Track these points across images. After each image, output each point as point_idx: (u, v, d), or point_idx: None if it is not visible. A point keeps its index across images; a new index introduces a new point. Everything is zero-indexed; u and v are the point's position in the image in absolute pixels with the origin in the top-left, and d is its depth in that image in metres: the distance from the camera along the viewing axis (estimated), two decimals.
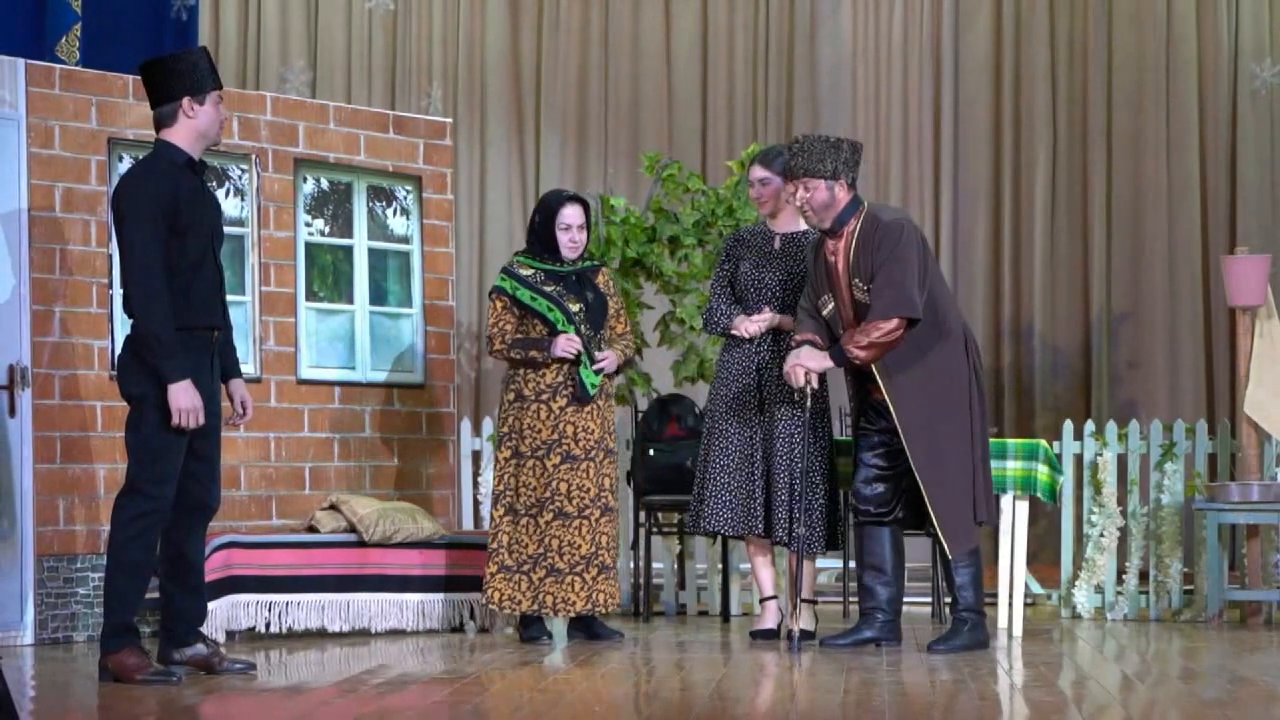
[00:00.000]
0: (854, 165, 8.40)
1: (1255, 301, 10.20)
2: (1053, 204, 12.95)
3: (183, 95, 7.31)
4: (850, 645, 8.42)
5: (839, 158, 8.34)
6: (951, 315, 8.47)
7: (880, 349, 8.22)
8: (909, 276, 8.23)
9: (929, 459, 8.30)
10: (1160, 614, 10.26)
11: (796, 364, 8.39)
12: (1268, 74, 12.68)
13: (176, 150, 7.32)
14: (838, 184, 8.34)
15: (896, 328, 8.19)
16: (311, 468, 9.71)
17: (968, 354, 8.46)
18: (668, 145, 13.02)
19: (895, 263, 8.23)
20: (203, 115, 7.33)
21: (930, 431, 8.31)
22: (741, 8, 13.28)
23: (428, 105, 13.07)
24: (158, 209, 7.17)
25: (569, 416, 8.77)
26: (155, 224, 7.17)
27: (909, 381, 8.31)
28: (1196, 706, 6.56)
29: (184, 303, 7.24)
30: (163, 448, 7.22)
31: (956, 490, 8.34)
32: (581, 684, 7.22)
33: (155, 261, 7.17)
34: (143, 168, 7.34)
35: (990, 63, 13.08)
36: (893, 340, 8.20)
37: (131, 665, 7.24)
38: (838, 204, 8.35)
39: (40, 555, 8.70)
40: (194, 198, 7.31)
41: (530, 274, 8.88)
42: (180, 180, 7.28)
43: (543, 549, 8.72)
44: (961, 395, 8.38)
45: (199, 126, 7.34)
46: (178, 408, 7.15)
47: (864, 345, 8.22)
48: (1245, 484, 9.96)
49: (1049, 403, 12.76)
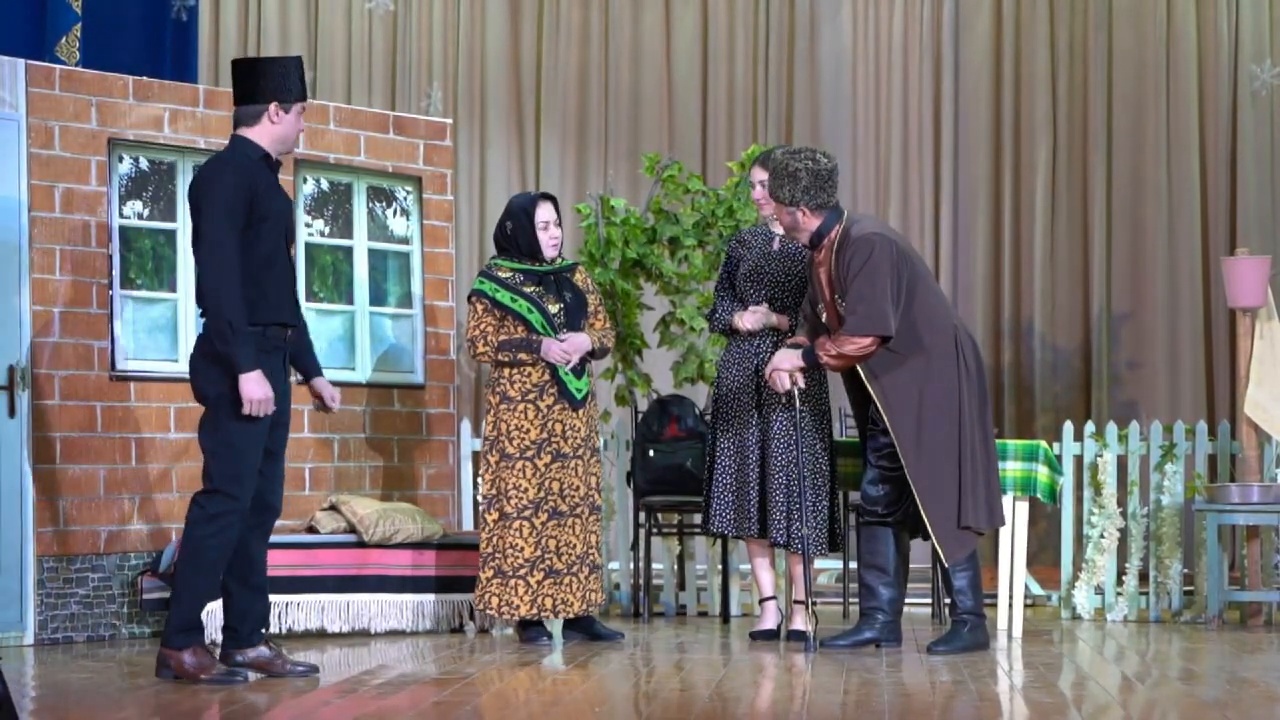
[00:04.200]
0: (818, 191, 8.38)
1: (1255, 303, 10.20)
2: (1053, 204, 12.96)
3: (271, 100, 7.35)
4: (850, 646, 8.42)
5: (796, 187, 8.36)
6: (939, 322, 8.42)
7: (850, 360, 8.30)
8: (878, 292, 8.26)
9: (920, 466, 8.30)
10: (1160, 615, 10.26)
11: (774, 369, 8.48)
12: (1268, 75, 12.69)
13: (254, 146, 7.36)
14: (799, 210, 8.39)
15: (869, 345, 8.27)
16: (311, 468, 9.70)
17: (960, 359, 8.42)
18: (668, 146, 13.02)
19: (864, 280, 8.28)
20: (285, 123, 7.38)
21: (919, 438, 8.32)
22: (742, 9, 13.28)
23: (428, 106, 13.07)
24: (234, 201, 7.19)
25: (557, 415, 8.77)
26: (231, 215, 7.18)
27: (895, 386, 8.33)
28: (1196, 708, 6.56)
29: (257, 297, 7.24)
30: (241, 446, 7.22)
31: (948, 498, 8.34)
32: (581, 685, 7.23)
33: (230, 253, 7.16)
34: (220, 160, 7.38)
35: (990, 63, 13.09)
36: (864, 355, 8.28)
37: (197, 665, 7.24)
38: (805, 226, 8.44)
39: (40, 555, 8.70)
40: (271, 192, 7.33)
41: (509, 276, 8.88)
42: (257, 174, 7.30)
43: (540, 551, 8.71)
44: (950, 402, 8.36)
45: (279, 132, 7.38)
46: (249, 397, 7.13)
47: (834, 354, 8.32)
48: (1245, 485, 9.96)
49: (1049, 403, 12.76)
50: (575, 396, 8.78)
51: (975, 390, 8.45)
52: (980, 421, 8.44)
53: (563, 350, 8.74)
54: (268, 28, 13.07)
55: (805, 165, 8.40)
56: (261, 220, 7.25)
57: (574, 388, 8.79)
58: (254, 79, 7.39)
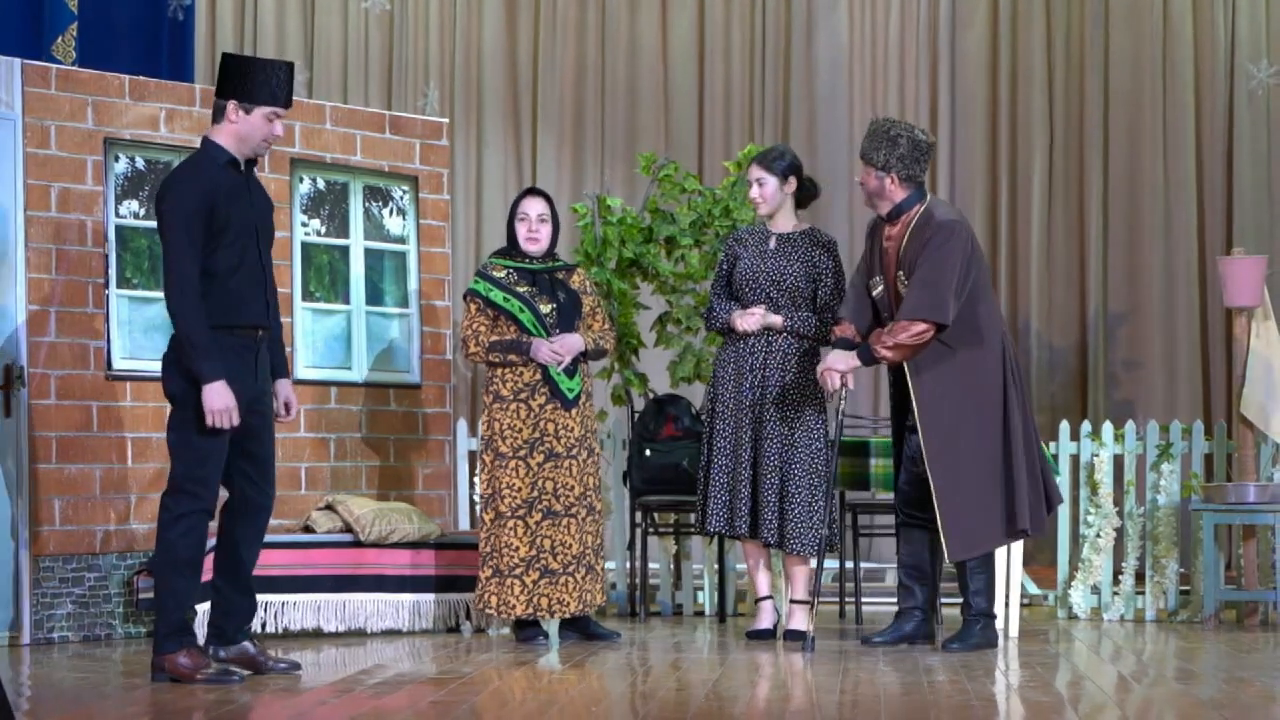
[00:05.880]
0: (913, 163, 8.39)
1: (1252, 302, 10.19)
2: (1049, 203, 12.95)
3: (229, 98, 7.37)
4: (889, 641, 8.51)
5: (893, 153, 8.36)
6: (993, 326, 8.45)
7: (908, 350, 8.25)
8: (945, 280, 8.25)
9: (943, 462, 8.31)
10: (1156, 614, 10.25)
11: (827, 368, 8.42)
12: (1264, 74, 12.68)
13: (219, 149, 7.38)
14: (888, 177, 8.37)
15: (924, 331, 8.22)
16: (307, 468, 9.70)
17: (1004, 363, 8.45)
18: (664, 145, 13.01)
19: (934, 264, 8.25)
20: (245, 124, 7.37)
21: (951, 434, 8.32)
22: (738, 7, 13.27)
23: (424, 105, 13.07)
24: (192, 208, 7.21)
25: (549, 414, 8.77)
26: (190, 224, 7.20)
27: (937, 383, 8.33)
28: (1192, 707, 6.56)
29: (224, 301, 7.27)
30: (204, 448, 7.24)
31: (968, 497, 8.35)
32: (577, 684, 7.22)
33: (189, 262, 7.19)
34: (181, 168, 7.43)
35: (987, 62, 13.08)
36: (921, 343, 8.23)
37: (191, 665, 7.25)
38: (890, 195, 8.42)
39: (36, 555, 8.69)
40: (233, 196, 7.33)
41: (503, 275, 8.89)
42: (219, 179, 7.32)
43: (535, 550, 8.71)
44: (992, 409, 8.38)
45: (240, 131, 7.38)
46: (210, 408, 7.16)
47: (890, 346, 8.26)
48: (1241, 485, 9.96)
49: (1045, 403, 12.75)
50: (567, 396, 8.77)
51: (1019, 396, 8.47)
52: (1025, 428, 8.46)
53: (552, 350, 8.73)
54: (264, 27, 13.07)
55: (906, 134, 8.40)
56: (223, 227, 7.27)
57: (565, 388, 8.78)
58: (223, 75, 7.42)
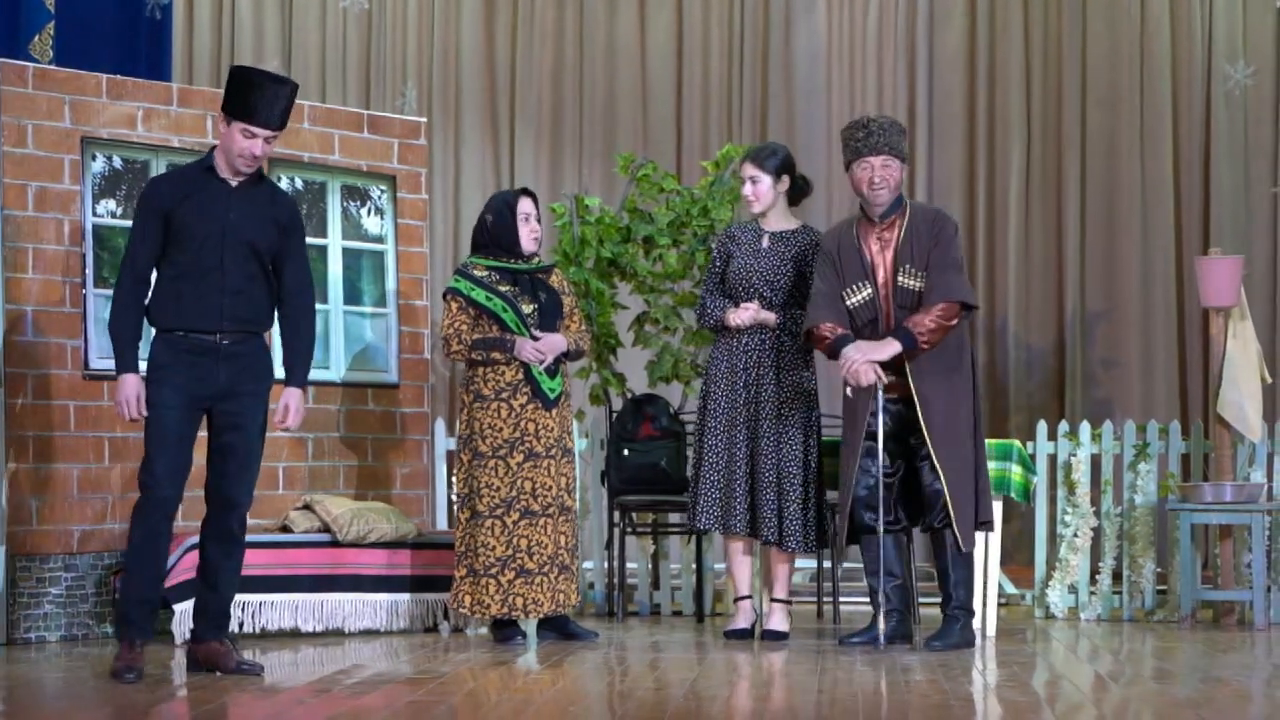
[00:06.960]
0: None
1: (1228, 303, 10.21)
2: (1026, 202, 12.97)
3: (221, 109, 7.45)
4: (867, 641, 8.52)
5: (905, 143, 8.60)
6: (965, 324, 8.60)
7: (943, 334, 8.33)
8: (963, 266, 8.51)
9: (950, 455, 8.36)
10: (1133, 614, 10.28)
11: (863, 361, 8.36)
12: (1241, 75, 12.71)
13: (209, 157, 7.50)
14: (903, 168, 8.56)
15: (957, 313, 8.32)
16: (285, 467, 9.69)
17: (972, 355, 8.64)
18: (642, 145, 13.01)
19: (954, 249, 8.46)
20: (224, 136, 7.43)
21: (951, 426, 8.41)
22: (716, 7, 13.27)
23: (402, 105, 13.06)
24: (153, 207, 7.37)
25: (530, 414, 8.77)
26: (146, 222, 7.38)
27: (933, 375, 8.39)
28: (1169, 706, 6.57)
29: (171, 305, 7.38)
30: (150, 439, 7.36)
31: (967, 488, 8.41)
32: (555, 684, 7.22)
33: (133, 258, 7.39)
34: (167, 171, 7.53)
35: (965, 60, 13.09)
36: (952, 325, 8.34)
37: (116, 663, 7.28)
38: (898, 189, 8.59)
39: (13, 555, 8.68)
40: (204, 203, 7.39)
41: (485, 274, 8.89)
42: (191, 185, 7.41)
43: (511, 550, 8.71)
44: (971, 396, 8.53)
45: (222, 143, 7.46)
46: (115, 398, 7.39)
47: (931, 328, 8.33)
48: (1218, 485, 9.98)
49: (1022, 402, 12.77)
50: (548, 396, 8.78)
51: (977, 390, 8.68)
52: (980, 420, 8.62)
53: (536, 350, 8.74)
54: (242, 26, 13.05)
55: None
56: (182, 232, 7.35)
57: (547, 387, 8.79)
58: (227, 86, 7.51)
